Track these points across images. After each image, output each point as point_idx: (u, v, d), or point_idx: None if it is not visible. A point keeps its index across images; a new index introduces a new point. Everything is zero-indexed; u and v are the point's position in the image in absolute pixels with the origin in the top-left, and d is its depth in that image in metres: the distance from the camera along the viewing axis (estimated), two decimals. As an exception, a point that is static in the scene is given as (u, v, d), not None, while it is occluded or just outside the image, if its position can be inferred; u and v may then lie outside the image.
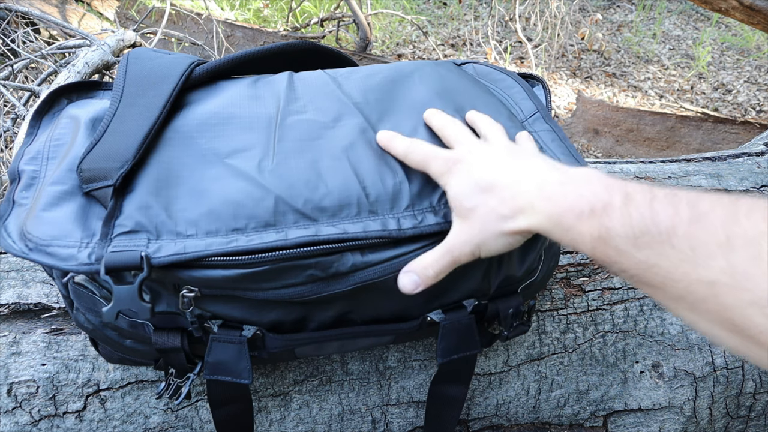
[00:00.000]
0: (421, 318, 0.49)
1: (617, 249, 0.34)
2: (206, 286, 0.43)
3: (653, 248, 0.32)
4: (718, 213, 0.30)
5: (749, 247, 0.28)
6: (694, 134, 2.35)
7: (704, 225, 0.30)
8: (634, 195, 0.35)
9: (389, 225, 0.44)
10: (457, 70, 0.60)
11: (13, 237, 0.42)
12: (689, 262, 0.30)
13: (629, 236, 0.34)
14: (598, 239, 0.35)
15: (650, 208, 0.33)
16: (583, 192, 0.37)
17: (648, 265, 0.33)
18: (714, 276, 0.29)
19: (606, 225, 0.35)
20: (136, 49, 0.56)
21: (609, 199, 0.36)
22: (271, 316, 0.46)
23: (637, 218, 0.33)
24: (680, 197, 0.33)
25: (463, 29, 3.24)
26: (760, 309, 0.27)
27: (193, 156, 0.47)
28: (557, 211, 0.38)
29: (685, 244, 0.31)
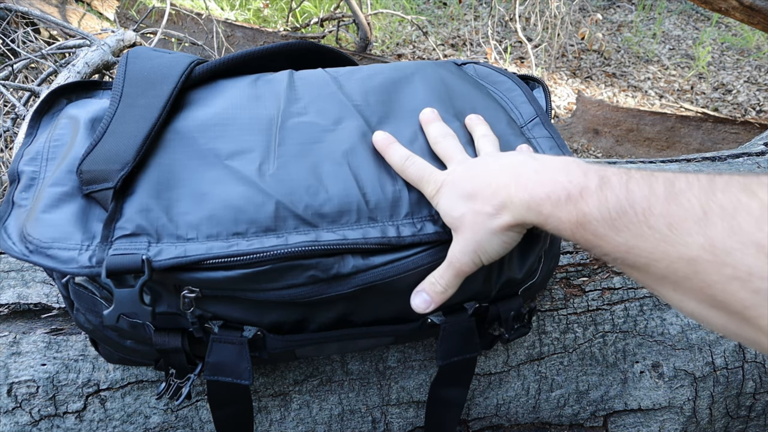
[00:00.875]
0: (422, 320, 0.49)
1: (596, 233, 0.34)
2: (207, 287, 0.43)
3: (631, 230, 0.32)
4: (694, 190, 0.30)
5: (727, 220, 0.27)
6: (694, 134, 2.35)
7: (681, 202, 0.30)
8: (610, 177, 0.35)
9: (388, 233, 0.45)
10: (458, 72, 0.60)
11: (14, 239, 0.42)
12: (668, 241, 0.30)
13: (606, 219, 0.33)
14: (577, 224, 0.35)
15: (626, 189, 0.33)
16: (559, 178, 0.37)
17: (628, 247, 0.32)
18: (694, 253, 0.28)
19: (583, 210, 0.35)
20: (136, 48, 0.55)
21: (585, 183, 0.35)
22: (272, 317, 0.46)
23: (613, 201, 0.33)
24: (656, 177, 0.32)
25: (463, 29, 3.24)
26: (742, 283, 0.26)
27: (193, 157, 0.47)
28: (535, 200, 0.38)
29: (662, 222, 0.30)
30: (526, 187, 0.39)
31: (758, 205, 0.27)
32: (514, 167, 0.41)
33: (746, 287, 0.26)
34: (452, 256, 0.44)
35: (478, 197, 0.42)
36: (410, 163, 0.47)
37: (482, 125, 0.51)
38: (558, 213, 0.37)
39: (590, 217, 0.34)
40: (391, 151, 0.48)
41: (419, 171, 0.46)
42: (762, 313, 0.26)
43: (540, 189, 0.38)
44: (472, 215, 0.42)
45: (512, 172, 0.41)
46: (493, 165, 0.43)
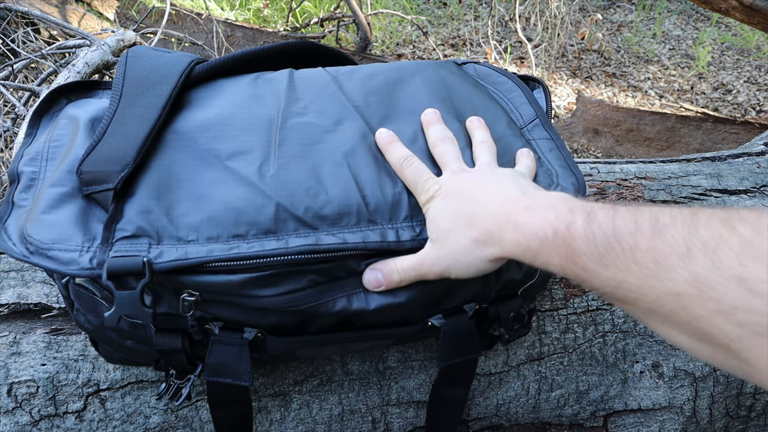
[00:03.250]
0: (422, 322, 0.48)
1: (585, 268, 0.35)
2: (207, 291, 0.43)
3: (619, 265, 0.33)
4: (678, 225, 0.30)
5: (709, 255, 0.28)
6: (694, 134, 2.35)
7: (665, 238, 0.30)
8: (597, 213, 0.35)
9: (388, 236, 0.45)
10: (459, 72, 0.60)
11: (14, 239, 0.42)
12: (655, 276, 0.31)
13: (594, 255, 0.34)
14: (566, 260, 0.36)
15: (613, 225, 0.34)
16: (547, 215, 0.38)
17: (617, 282, 0.33)
18: (680, 288, 0.29)
19: (571, 246, 0.36)
20: (135, 47, 0.55)
21: (572, 220, 0.36)
22: (272, 319, 0.46)
23: (600, 236, 0.34)
24: (642, 212, 0.33)
25: (463, 29, 3.24)
26: (726, 316, 0.27)
27: (193, 158, 0.47)
28: (524, 237, 0.39)
29: (648, 258, 0.31)
30: (516, 224, 0.40)
31: (738, 240, 0.27)
32: (506, 201, 0.42)
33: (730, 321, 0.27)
34: (421, 261, 0.44)
35: (469, 223, 0.42)
36: (408, 164, 0.47)
37: (481, 130, 0.51)
38: (547, 249, 0.37)
39: (579, 252, 0.35)
40: (392, 149, 0.48)
41: (415, 175, 0.47)
42: (746, 346, 0.27)
43: (529, 227, 0.39)
44: (459, 237, 0.43)
45: (504, 206, 0.42)
46: (487, 192, 0.44)
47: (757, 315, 0.26)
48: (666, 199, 0.72)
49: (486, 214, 0.42)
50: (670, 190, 0.73)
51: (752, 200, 0.73)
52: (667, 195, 0.72)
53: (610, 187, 0.73)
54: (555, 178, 0.50)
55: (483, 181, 0.45)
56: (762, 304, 0.25)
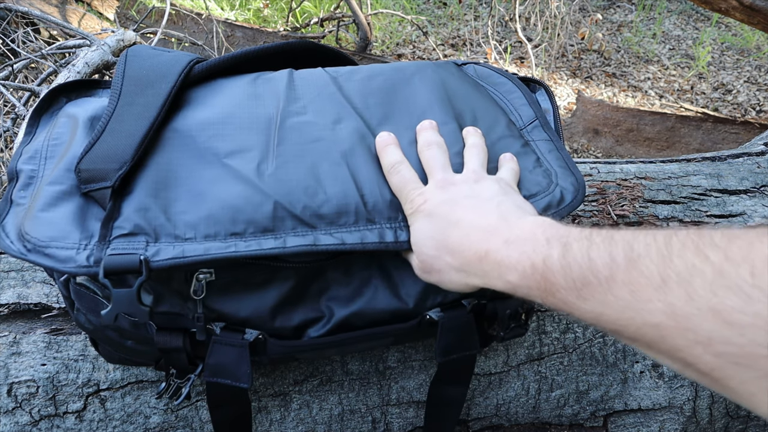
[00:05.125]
0: (420, 316, 0.49)
1: (564, 301, 0.35)
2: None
3: (597, 298, 0.32)
4: (652, 254, 0.30)
5: (683, 286, 0.28)
6: (694, 134, 2.35)
7: (640, 269, 0.30)
8: (572, 245, 0.35)
9: (386, 237, 0.45)
10: (458, 73, 0.60)
11: (11, 237, 0.42)
12: (632, 309, 0.30)
13: (572, 288, 0.34)
14: (545, 292, 0.36)
15: (587, 258, 0.33)
16: (525, 248, 0.38)
17: (596, 314, 0.33)
18: (657, 319, 0.29)
19: (549, 279, 0.36)
20: (135, 47, 0.55)
21: (548, 252, 0.36)
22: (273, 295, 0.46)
23: (576, 269, 0.34)
24: (616, 241, 0.33)
25: (463, 29, 3.24)
26: (704, 348, 0.27)
27: (192, 156, 0.47)
28: (503, 271, 0.39)
29: (624, 290, 0.31)
30: (495, 258, 0.40)
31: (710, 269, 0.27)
32: (486, 232, 0.42)
33: (708, 351, 0.27)
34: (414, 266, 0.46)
35: (450, 251, 0.43)
36: (396, 170, 0.47)
37: (474, 135, 0.51)
38: (526, 282, 0.38)
39: (557, 286, 0.35)
40: (386, 152, 0.48)
41: (401, 182, 0.47)
42: (727, 375, 0.26)
43: (508, 260, 0.39)
44: (440, 264, 0.43)
45: (484, 237, 0.42)
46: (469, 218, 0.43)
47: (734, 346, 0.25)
48: (666, 199, 0.72)
49: (467, 245, 0.42)
50: (670, 190, 0.73)
51: (752, 200, 0.73)
52: (667, 195, 0.72)
53: (610, 187, 0.73)
54: (554, 178, 0.50)
55: (466, 199, 0.45)
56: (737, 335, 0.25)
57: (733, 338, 0.25)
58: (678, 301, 0.28)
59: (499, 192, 0.45)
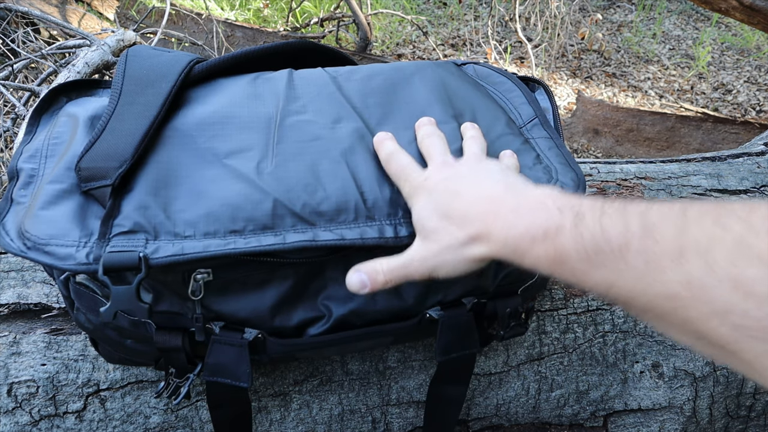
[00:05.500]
0: (420, 315, 0.49)
1: (574, 270, 0.34)
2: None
3: (609, 266, 0.32)
4: (668, 224, 0.29)
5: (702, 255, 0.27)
6: (694, 134, 2.35)
7: (656, 238, 0.29)
8: (585, 214, 0.34)
9: (386, 233, 0.45)
10: (458, 72, 0.60)
11: (11, 235, 0.42)
12: (646, 278, 0.30)
13: (584, 257, 0.33)
14: (555, 261, 0.35)
15: (600, 226, 0.33)
16: (536, 216, 0.37)
17: (608, 284, 0.32)
18: (672, 290, 0.28)
19: (560, 248, 0.35)
20: (135, 46, 0.55)
21: (561, 221, 0.35)
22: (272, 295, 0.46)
23: (588, 238, 0.33)
24: (630, 211, 0.32)
25: (463, 29, 3.24)
26: (721, 319, 0.26)
27: (192, 155, 0.47)
28: (512, 238, 0.38)
29: (638, 259, 0.30)
30: (503, 224, 0.39)
31: (731, 238, 0.26)
32: (493, 200, 0.41)
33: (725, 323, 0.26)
34: (409, 261, 0.43)
35: (455, 221, 0.41)
36: (394, 158, 0.47)
37: (473, 129, 0.51)
38: (535, 251, 0.37)
39: (567, 255, 0.34)
40: (383, 145, 0.48)
41: (399, 167, 0.46)
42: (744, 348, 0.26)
43: (517, 228, 0.38)
44: (443, 236, 0.42)
45: (492, 204, 0.41)
46: (473, 189, 0.43)
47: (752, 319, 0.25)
48: (666, 199, 0.72)
49: (473, 213, 0.41)
50: (670, 190, 0.73)
51: (752, 200, 0.73)
52: (667, 195, 0.72)
53: (610, 187, 0.73)
54: (555, 174, 0.50)
55: (469, 174, 0.44)
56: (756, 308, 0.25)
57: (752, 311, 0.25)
58: (695, 271, 0.27)
59: (503, 169, 0.45)
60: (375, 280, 0.43)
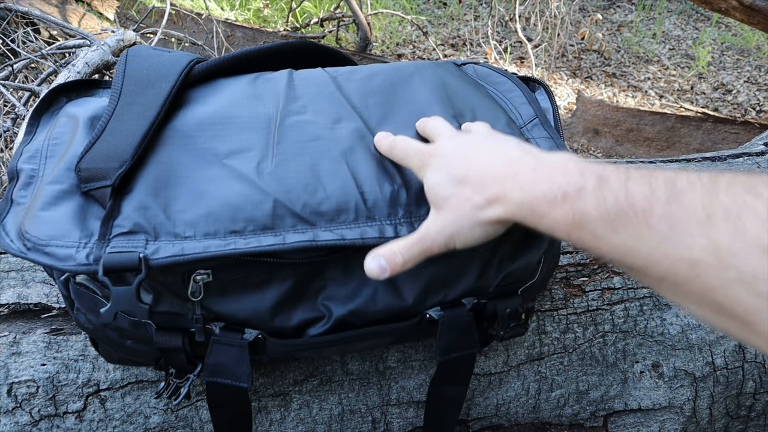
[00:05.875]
0: (420, 315, 0.49)
1: (593, 233, 0.33)
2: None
3: (630, 230, 0.31)
4: (696, 190, 0.29)
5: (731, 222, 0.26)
6: (694, 134, 2.35)
7: (682, 203, 0.29)
8: (609, 177, 0.34)
9: (386, 232, 0.45)
10: (458, 72, 0.60)
11: (11, 236, 0.42)
12: (669, 243, 0.29)
13: (605, 219, 0.32)
14: (573, 224, 0.35)
15: (625, 189, 0.32)
16: (556, 178, 0.36)
17: (627, 248, 0.32)
18: (696, 255, 0.28)
19: (581, 209, 0.34)
20: (135, 47, 0.55)
21: (582, 183, 0.35)
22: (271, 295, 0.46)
23: (611, 200, 0.32)
24: (656, 176, 0.31)
25: (463, 29, 3.24)
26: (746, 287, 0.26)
27: (192, 156, 0.47)
28: (530, 198, 0.37)
29: (663, 224, 0.29)
30: (522, 185, 0.38)
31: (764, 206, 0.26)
32: (510, 161, 0.40)
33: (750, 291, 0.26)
34: (425, 234, 0.42)
35: (470, 184, 0.40)
36: (398, 142, 0.47)
37: (473, 124, 0.51)
38: (553, 212, 0.36)
39: (588, 216, 0.34)
40: (384, 141, 0.48)
41: (406, 145, 0.46)
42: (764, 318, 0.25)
43: (536, 188, 0.37)
44: (459, 200, 0.41)
45: (509, 166, 0.40)
46: (489, 152, 0.42)
47: None
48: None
49: (490, 176, 0.40)
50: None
51: None
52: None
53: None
54: None
55: (484, 141, 0.43)
56: None
57: None
58: (723, 237, 0.26)
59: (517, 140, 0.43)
60: (394, 262, 0.42)
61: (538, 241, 0.51)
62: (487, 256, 0.49)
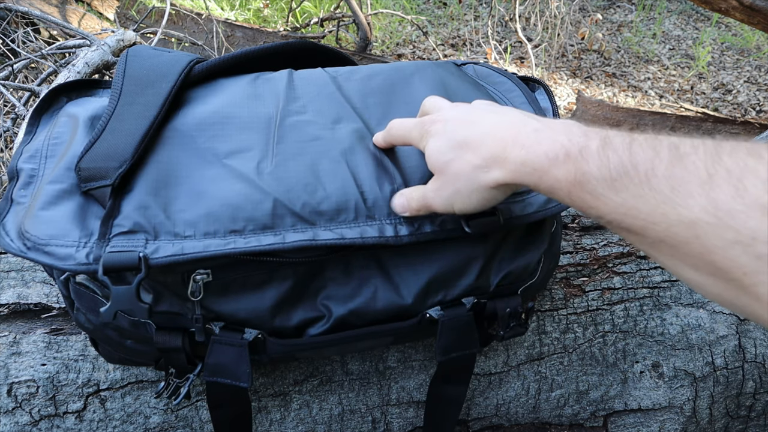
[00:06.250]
0: (420, 315, 0.49)
1: (594, 193, 0.33)
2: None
3: (631, 190, 0.31)
4: (700, 153, 0.29)
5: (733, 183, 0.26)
6: (694, 134, 2.35)
7: (685, 165, 0.29)
8: (613, 139, 0.34)
9: (386, 232, 0.45)
10: (458, 72, 0.60)
11: (11, 236, 0.42)
12: (669, 203, 0.29)
13: (606, 179, 0.33)
14: (574, 183, 0.35)
15: (629, 151, 0.32)
16: (558, 137, 0.36)
17: (626, 209, 0.32)
18: (695, 215, 0.28)
19: (582, 168, 0.34)
20: (135, 47, 0.55)
21: (585, 143, 0.35)
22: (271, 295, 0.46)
23: (614, 160, 0.32)
24: (661, 140, 0.32)
25: (463, 29, 3.24)
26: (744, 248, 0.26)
27: (192, 155, 0.47)
28: (531, 157, 0.37)
29: (664, 184, 0.29)
30: (523, 144, 0.38)
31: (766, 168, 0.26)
32: (512, 124, 0.40)
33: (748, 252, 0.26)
34: (426, 192, 0.43)
35: (471, 147, 0.40)
36: (392, 123, 0.47)
37: None
38: (555, 172, 0.36)
39: (589, 176, 0.33)
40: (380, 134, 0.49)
41: (402, 124, 0.46)
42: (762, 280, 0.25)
43: (538, 147, 0.37)
44: (460, 163, 0.41)
45: (511, 128, 0.40)
46: (491, 116, 0.42)
47: None
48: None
49: (491, 138, 0.39)
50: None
51: None
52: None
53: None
54: None
55: (486, 108, 0.43)
56: None
57: None
58: (723, 197, 0.26)
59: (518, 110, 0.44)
60: (410, 206, 0.45)
61: (538, 241, 0.51)
62: (487, 256, 0.49)
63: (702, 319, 0.65)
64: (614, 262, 0.67)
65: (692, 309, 0.66)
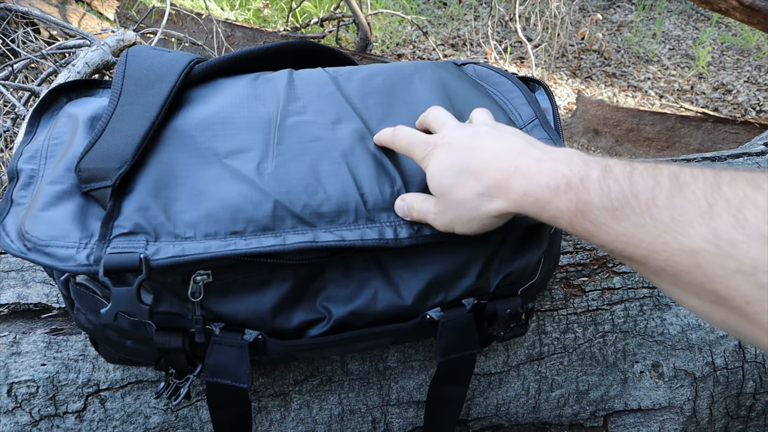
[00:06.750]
0: (420, 316, 0.49)
1: (595, 222, 0.34)
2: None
3: (632, 219, 0.31)
4: (699, 183, 0.29)
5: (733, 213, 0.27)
6: (694, 134, 2.35)
7: (685, 194, 0.29)
8: (614, 168, 0.34)
9: (386, 234, 0.45)
10: (458, 73, 0.60)
11: (12, 236, 0.42)
12: (670, 233, 0.29)
13: (608, 208, 0.33)
14: (576, 213, 0.35)
15: (629, 180, 0.33)
16: (560, 167, 0.37)
17: (627, 238, 0.32)
18: (696, 245, 0.28)
19: (584, 198, 0.34)
20: (135, 47, 0.55)
21: (587, 173, 0.35)
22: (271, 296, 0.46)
23: (615, 190, 0.33)
24: (661, 169, 0.32)
25: (463, 29, 3.24)
26: (746, 277, 0.26)
27: (192, 156, 0.47)
28: (533, 187, 0.37)
29: (665, 214, 0.30)
30: (525, 174, 0.38)
31: (765, 198, 0.26)
32: (514, 153, 0.40)
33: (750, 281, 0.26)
34: (428, 214, 0.44)
35: (473, 174, 0.41)
36: (400, 131, 0.47)
37: None
38: (557, 201, 0.36)
39: (591, 205, 0.34)
40: (385, 132, 0.49)
41: (409, 135, 0.46)
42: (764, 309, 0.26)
43: (540, 177, 0.37)
44: (462, 191, 0.41)
45: (513, 158, 0.40)
46: (493, 143, 0.42)
47: None
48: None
49: (493, 166, 0.40)
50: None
51: None
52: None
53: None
54: None
55: (489, 132, 0.44)
56: None
57: None
58: (724, 227, 0.27)
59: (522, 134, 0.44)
60: (411, 215, 0.46)
61: (538, 242, 0.51)
62: (487, 257, 0.49)
63: (702, 319, 0.66)
64: (614, 262, 0.67)
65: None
